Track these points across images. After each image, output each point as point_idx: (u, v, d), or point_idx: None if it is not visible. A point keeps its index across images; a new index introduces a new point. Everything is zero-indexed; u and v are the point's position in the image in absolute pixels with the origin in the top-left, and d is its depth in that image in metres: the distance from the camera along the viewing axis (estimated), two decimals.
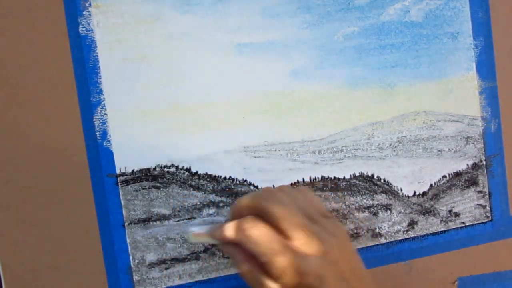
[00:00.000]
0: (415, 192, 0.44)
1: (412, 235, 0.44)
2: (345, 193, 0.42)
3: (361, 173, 0.43)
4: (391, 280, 0.44)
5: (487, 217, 0.46)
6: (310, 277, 0.31)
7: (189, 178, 0.39)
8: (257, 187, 0.40)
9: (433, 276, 0.44)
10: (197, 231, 0.37)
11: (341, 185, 0.42)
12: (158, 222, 0.39)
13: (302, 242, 0.32)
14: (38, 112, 0.36)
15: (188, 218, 0.39)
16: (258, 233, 0.32)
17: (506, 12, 0.44)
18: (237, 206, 0.36)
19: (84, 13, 0.37)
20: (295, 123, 0.41)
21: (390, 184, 0.43)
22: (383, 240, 0.43)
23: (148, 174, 0.38)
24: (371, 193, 0.43)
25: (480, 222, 0.45)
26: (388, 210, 0.43)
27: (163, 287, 0.39)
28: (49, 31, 0.36)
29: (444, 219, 0.45)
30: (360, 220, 0.43)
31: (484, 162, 0.45)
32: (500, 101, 0.45)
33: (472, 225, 0.45)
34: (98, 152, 0.37)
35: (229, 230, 0.34)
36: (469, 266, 0.45)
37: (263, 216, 0.34)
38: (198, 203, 0.40)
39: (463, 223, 0.45)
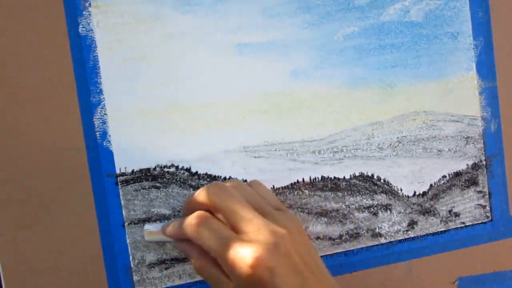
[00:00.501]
0: (415, 192, 0.44)
1: (412, 235, 0.44)
2: (345, 193, 0.42)
3: (361, 173, 0.43)
4: (391, 280, 0.44)
5: (487, 217, 0.46)
6: (261, 270, 0.30)
7: (189, 178, 0.39)
8: None
9: (433, 276, 0.44)
10: (151, 229, 0.37)
11: (341, 185, 0.42)
12: (158, 222, 0.39)
13: (252, 235, 0.32)
14: (38, 112, 0.36)
15: None
16: (207, 228, 0.32)
17: (506, 12, 0.44)
18: (188, 202, 0.36)
19: (84, 13, 0.37)
20: (295, 123, 0.41)
21: (390, 184, 0.43)
22: (383, 240, 0.43)
23: (148, 174, 0.38)
24: (371, 193, 0.43)
25: (480, 222, 0.45)
26: (388, 210, 0.43)
27: (163, 287, 0.39)
28: (49, 31, 0.36)
29: (444, 219, 0.45)
30: (360, 220, 0.43)
31: (484, 162, 0.45)
32: (500, 101, 0.45)
33: (472, 225, 0.45)
34: (98, 152, 0.37)
35: (181, 227, 0.34)
36: (469, 266, 0.45)
37: (213, 211, 0.34)
38: None
39: (463, 223, 0.45)
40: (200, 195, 0.35)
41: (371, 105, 0.42)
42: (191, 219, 0.34)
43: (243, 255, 0.31)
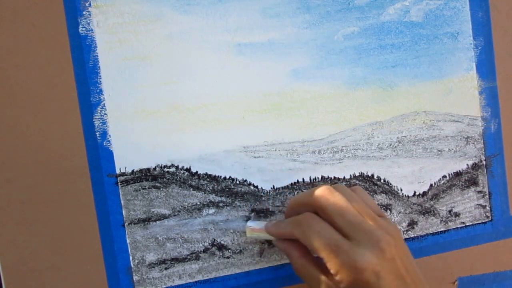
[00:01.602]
0: (415, 192, 0.44)
1: (412, 235, 0.44)
2: None
3: (361, 173, 0.43)
4: None
5: (487, 217, 0.46)
6: (367, 273, 0.31)
7: (189, 178, 0.39)
8: (257, 187, 0.40)
9: (433, 276, 0.44)
10: (253, 226, 0.38)
11: None
12: (158, 222, 0.39)
13: (359, 239, 0.32)
14: (38, 112, 0.36)
15: (188, 218, 0.39)
16: (316, 229, 0.33)
17: (506, 12, 0.44)
18: (293, 203, 0.37)
19: (84, 13, 0.37)
20: (295, 123, 0.41)
21: (390, 184, 0.43)
22: None
23: (148, 174, 0.38)
24: (371, 193, 0.43)
25: (480, 222, 0.45)
26: (388, 210, 0.43)
27: (163, 287, 0.39)
28: (49, 31, 0.36)
29: (444, 219, 0.45)
30: None
31: (484, 162, 0.45)
32: (500, 101, 0.45)
33: (472, 225, 0.45)
34: (98, 152, 0.37)
35: (287, 226, 0.35)
36: (469, 266, 0.45)
37: (320, 214, 0.35)
38: (198, 203, 0.40)
39: (463, 223, 0.45)
40: (307, 196, 0.35)
41: (371, 105, 0.42)
42: (299, 220, 0.35)
43: (352, 258, 0.32)
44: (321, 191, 0.35)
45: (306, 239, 0.34)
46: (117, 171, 0.38)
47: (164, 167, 0.39)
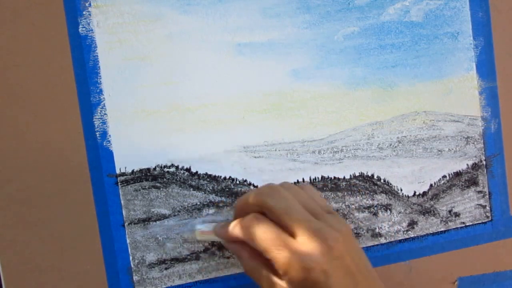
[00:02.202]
0: (415, 192, 0.44)
1: (412, 235, 0.44)
2: (345, 193, 0.42)
3: (361, 173, 0.43)
4: (391, 280, 0.44)
5: (487, 217, 0.46)
6: (316, 272, 0.31)
7: (189, 178, 0.39)
8: (257, 187, 0.40)
9: (433, 276, 0.44)
10: (203, 229, 0.38)
11: (341, 185, 0.42)
12: (158, 222, 0.39)
13: (306, 237, 0.32)
14: (38, 112, 0.36)
15: (188, 218, 0.39)
16: (262, 230, 0.33)
17: (506, 12, 0.44)
18: (240, 203, 0.36)
19: (84, 13, 0.37)
20: (295, 123, 0.41)
21: (390, 184, 0.43)
22: (383, 240, 0.43)
23: (148, 174, 0.38)
24: (371, 193, 0.43)
25: (480, 222, 0.45)
26: (388, 210, 0.43)
27: (163, 287, 0.39)
28: (49, 31, 0.36)
29: (444, 219, 0.45)
30: (360, 220, 0.43)
31: (484, 162, 0.45)
32: (500, 101, 0.45)
33: (472, 225, 0.45)
34: (98, 152, 0.37)
35: (234, 228, 0.35)
36: (469, 266, 0.45)
37: (267, 213, 0.34)
38: (198, 203, 0.40)
39: (463, 223, 0.45)
40: (252, 196, 0.35)
41: (371, 105, 0.42)
42: (245, 221, 0.34)
43: (299, 257, 0.31)
44: (266, 190, 0.35)
45: (253, 241, 0.33)
46: (117, 171, 0.38)
47: (164, 167, 0.39)
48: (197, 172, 0.39)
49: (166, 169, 0.39)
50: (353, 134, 0.42)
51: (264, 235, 0.32)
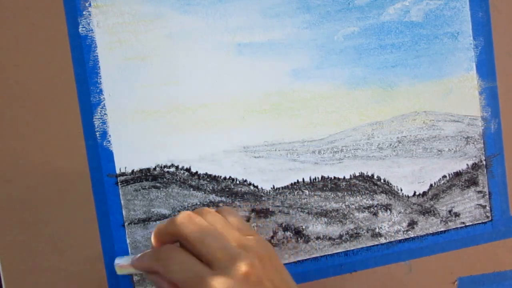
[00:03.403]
0: (415, 192, 0.44)
1: (412, 235, 0.44)
2: (345, 193, 0.42)
3: (361, 173, 0.43)
4: (391, 280, 0.44)
5: (487, 217, 0.46)
6: None
7: (189, 178, 0.39)
8: (257, 187, 0.40)
9: (433, 276, 0.44)
10: (122, 263, 0.36)
11: (341, 185, 0.42)
12: (158, 222, 0.39)
13: (222, 266, 0.31)
14: (38, 112, 0.36)
15: None
16: (176, 261, 0.32)
17: (506, 12, 0.44)
18: (156, 233, 0.35)
19: (84, 13, 0.37)
20: (295, 123, 0.41)
21: (390, 184, 0.43)
22: (383, 240, 0.43)
23: (148, 174, 0.38)
24: (371, 193, 0.43)
25: (480, 222, 0.45)
26: (388, 210, 0.43)
27: None
28: (49, 31, 0.36)
29: (444, 219, 0.45)
30: (360, 220, 0.43)
31: (484, 162, 0.45)
32: (500, 101, 0.45)
33: (472, 225, 0.45)
34: (98, 152, 0.37)
35: (149, 260, 0.34)
36: (469, 266, 0.45)
37: (183, 243, 0.33)
38: (198, 203, 0.40)
39: (463, 223, 0.45)
40: (168, 225, 0.34)
41: (371, 105, 0.42)
42: (159, 252, 0.33)
43: (215, 287, 0.30)
44: (181, 218, 0.33)
45: (167, 274, 0.32)
46: (117, 171, 0.38)
47: (164, 167, 0.39)
48: (197, 172, 0.39)
49: (166, 169, 0.39)
50: (353, 134, 0.42)
51: (179, 266, 0.31)
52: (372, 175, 0.43)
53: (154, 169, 0.39)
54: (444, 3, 0.43)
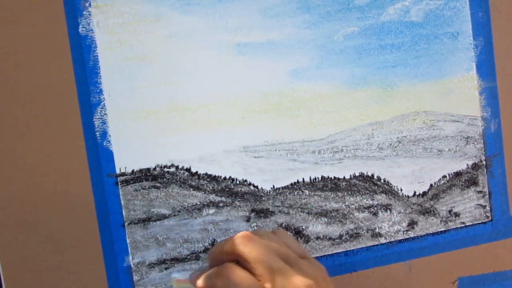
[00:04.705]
0: (415, 192, 0.44)
1: (412, 235, 0.44)
2: (345, 193, 0.42)
3: (361, 173, 0.43)
4: (391, 280, 0.44)
5: (487, 217, 0.46)
6: None
7: (189, 178, 0.39)
8: (257, 187, 0.40)
9: (433, 276, 0.44)
10: (179, 278, 0.37)
11: (341, 185, 0.42)
12: (158, 222, 0.39)
13: (279, 285, 0.32)
14: (38, 112, 0.36)
15: (188, 218, 0.39)
16: (236, 280, 0.32)
17: (506, 12, 0.44)
18: (214, 252, 0.36)
19: (84, 13, 0.37)
20: (295, 123, 0.41)
21: (390, 184, 0.43)
22: (383, 240, 0.43)
23: (148, 174, 0.38)
24: (371, 193, 0.43)
25: (480, 222, 0.45)
26: (388, 210, 0.43)
27: (163, 287, 0.39)
28: (49, 31, 0.36)
29: (444, 219, 0.45)
30: (360, 220, 0.43)
31: (484, 162, 0.45)
32: (500, 101, 0.45)
33: (472, 225, 0.45)
34: (98, 152, 0.37)
35: (209, 277, 0.34)
36: (469, 266, 0.45)
37: (241, 262, 0.34)
38: (198, 203, 0.40)
39: (463, 223, 0.45)
40: (226, 245, 0.35)
41: (371, 105, 0.42)
42: (219, 270, 0.34)
43: None
44: (239, 239, 0.34)
45: None
46: (117, 171, 0.38)
47: (164, 167, 0.39)
48: (197, 172, 0.39)
49: (166, 169, 0.39)
50: (353, 134, 0.42)
51: (240, 285, 0.32)
52: (372, 175, 0.43)
53: (154, 169, 0.39)
54: (444, 3, 0.43)
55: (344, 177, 0.42)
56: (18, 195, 0.36)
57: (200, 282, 0.35)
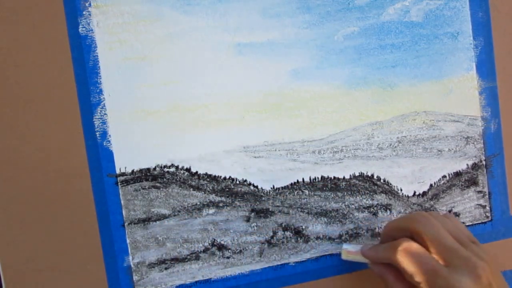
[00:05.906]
0: (415, 192, 0.44)
1: None
2: (345, 193, 0.42)
3: (361, 173, 0.43)
4: None
5: (487, 217, 0.46)
6: None
7: (189, 178, 0.39)
8: (257, 187, 0.40)
9: None
10: (349, 249, 0.40)
11: (341, 185, 0.42)
12: (158, 222, 0.39)
13: (456, 265, 0.34)
14: (38, 112, 0.36)
15: (188, 218, 0.39)
16: (414, 254, 0.34)
17: (506, 12, 0.44)
18: (389, 227, 0.38)
19: (84, 13, 0.37)
20: (295, 123, 0.41)
21: (390, 184, 0.43)
22: None
23: (148, 174, 0.38)
24: (371, 193, 0.43)
25: (480, 222, 0.45)
26: (388, 210, 0.43)
27: (163, 287, 0.39)
28: (49, 31, 0.36)
29: None
30: (360, 220, 0.43)
31: (484, 162, 0.45)
32: (500, 101, 0.45)
33: (472, 225, 0.45)
34: (98, 152, 0.37)
35: (384, 250, 0.36)
36: None
37: (416, 239, 0.36)
38: (198, 203, 0.40)
39: (463, 223, 0.45)
40: (403, 222, 0.37)
41: (371, 105, 0.42)
42: (396, 244, 0.35)
43: (450, 283, 0.33)
44: (417, 217, 0.36)
45: (404, 264, 0.35)
46: (117, 171, 0.38)
47: (164, 167, 0.39)
48: (197, 172, 0.39)
49: (166, 169, 0.39)
50: (353, 134, 0.42)
51: (416, 259, 0.34)
52: (372, 175, 0.43)
53: (154, 169, 0.39)
54: (444, 3, 0.43)
55: (344, 177, 0.42)
56: (18, 195, 0.36)
57: (373, 254, 0.38)
